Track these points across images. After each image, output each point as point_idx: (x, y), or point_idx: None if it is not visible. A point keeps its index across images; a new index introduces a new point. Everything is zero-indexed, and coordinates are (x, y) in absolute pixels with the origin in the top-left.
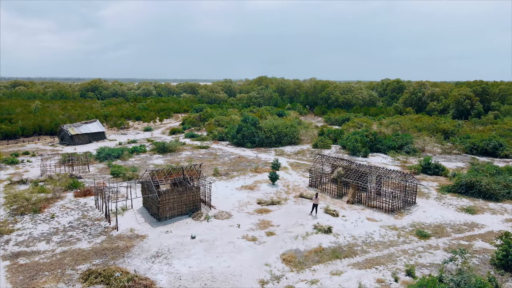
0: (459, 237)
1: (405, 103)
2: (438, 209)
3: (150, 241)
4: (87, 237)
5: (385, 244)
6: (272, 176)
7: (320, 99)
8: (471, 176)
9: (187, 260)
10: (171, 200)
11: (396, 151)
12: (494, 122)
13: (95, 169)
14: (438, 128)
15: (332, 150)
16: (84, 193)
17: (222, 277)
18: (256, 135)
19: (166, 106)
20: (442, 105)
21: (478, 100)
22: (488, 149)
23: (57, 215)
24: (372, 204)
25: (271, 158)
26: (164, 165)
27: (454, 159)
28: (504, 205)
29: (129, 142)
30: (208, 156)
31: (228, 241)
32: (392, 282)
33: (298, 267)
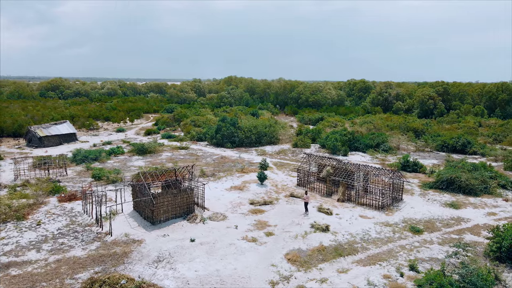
0: (450, 231)
1: (372, 103)
2: (424, 205)
3: (148, 246)
4: (80, 244)
5: (383, 241)
6: (261, 176)
7: (290, 99)
8: (451, 172)
9: (191, 264)
10: (166, 203)
11: (375, 149)
12: (457, 120)
13: (73, 172)
14: (409, 127)
15: (312, 150)
16: (69, 197)
17: (231, 279)
18: (236, 135)
19: (134, 106)
20: (407, 105)
21: (440, 100)
22: (457, 146)
23: (44, 222)
24: (362, 201)
25: (254, 158)
26: (145, 166)
27: (427, 156)
28: (483, 199)
29: (104, 143)
30: (190, 157)
31: (228, 243)
32: (398, 277)
33: (304, 266)
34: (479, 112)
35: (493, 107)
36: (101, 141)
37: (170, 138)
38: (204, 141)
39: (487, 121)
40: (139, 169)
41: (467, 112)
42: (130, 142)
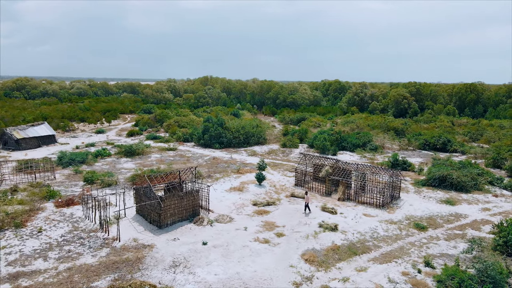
0: (452, 227)
1: (348, 103)
2: (422, 202)
3: (161, 250)
4: (88, 250)
5: (392, 238)
6: (260, 177)
7: (268, 99)
8: (443, 170)
9: (209, 268)
10: (172, 206)
11: (363, 148)
12: (433, 120)
13: (61, 176)
14: (389, 126)
15: (300, 149)
16: (67, 203)
17: (254, 282)
18: (224, 136)
19: (109, 106)
20: (382, 105)
21: (413, 100)
22: (438, 145)
23: (45, 229)
24: (362, 200)
25: (246, 159)
26: (136, 168)
27: (412, 155)
28: (475, 196)
29: (87, 145)
30: (180, 158)
31: (241, 245)
32: (416, 274)
33: (323, 266)
34: (451, 111)
35: (462, 107)
36: (83, 143)
37: (156, 139)
38: (190, 142)
39: (459, 120)
40: (134, 171)
41: (440, 112)
42: (115, 143)
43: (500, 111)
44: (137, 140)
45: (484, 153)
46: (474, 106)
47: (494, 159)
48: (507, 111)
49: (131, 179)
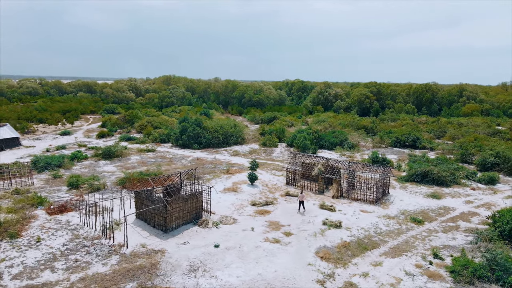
0: (445, 220)
1: (313, 102)
2: (411, 197)
3: (174, 255)
4: (96, 259)
5: (395, 233)
6: (252, 177)
7: (233, 99)
8: (424, 166)
9: (229, 270)
10: (177, 209)
11: (342, 147)
12: (397, 118)
13: (39, 181)
14: (359, 125)
15: (280, 149)
16: (60, 209)
17: (278, 282)
18: (202, 136)
19: (67, 106)
20: (346, 104)
21: (375, 99)
22: (408, 142)
23: (43, 238)
24: (355, 197)
25: (230, 159)
26: (123, 171)
27: (385, 152)
28: (455, 189)
29: (58, 148)
30: (162, 160)
31: (254, 245)
32: (428, 266)
33: (340, 263)
34: (410, 110)
35: (419, 106)
36: (51, 146)
37: (130, 140)
38: (167, 143)
39: (418, 118)
40: (124, 174)
41: (400, 110)
42: (87, 145)
43: (454, 110)
44: (112, 142)
45: (451, 149)
46: (430, 105)
47: (462, 154)
48: (459, 110)
49: (120, 182)
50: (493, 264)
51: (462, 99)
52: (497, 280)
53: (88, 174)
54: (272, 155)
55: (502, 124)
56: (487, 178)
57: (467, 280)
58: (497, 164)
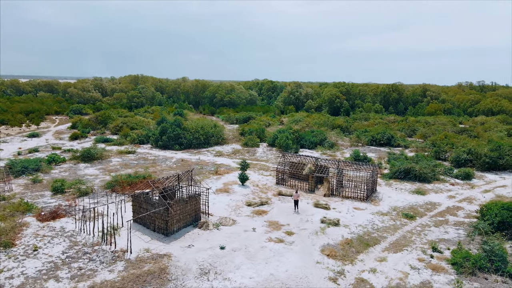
0: (434, 215)
1: (284, 102)
2: (397, 194)
3: (181, 259)
4: (101, 266)
5: (391, 229)
6: (243, 177)
7: (204, 98)
8: (406, 163)
9: (241, 272)
10: (178, 211)
11: (323, 146)
12: (367, 117)
13: (17, 187)
14: (334, 124)
15: (262, 149)
16: (52, 216)
17: (291, 282)
18: (183, 137)
19: (29, 107)
20: (317, 103)
21: (345, 99)
22: (383, 140)
23: (40, 247)
24: (346, 195)
25: (215, 160)
26: (101, 174)
27: (363, 150)
28: (436, 185)
29: (30, 151)
30: (144, 162)
31: (259, 246)
32: (430, 259)
33: (347, 260)
34: (379, 109)
35: (387, 105)
36: (20, 149)
37: (107, 142)
38: (146, 144)
39: (387, 117)
40: (112, 177)
41: (369, 110)
42: (62, 148)
43: (419, 109)
44: (87, 144)
45: (423, 147)
46: (397, 104)
47: (436, 152)
48: (424, 109)
49: (109, 186)
50: (491, 255)
51: (426, 99)
52: (496, 270)
53: (70, 178)
54: (256, 155)
55: (464, 123)
56: (463, 174)
57: (469, 272)
58: (469, 161)
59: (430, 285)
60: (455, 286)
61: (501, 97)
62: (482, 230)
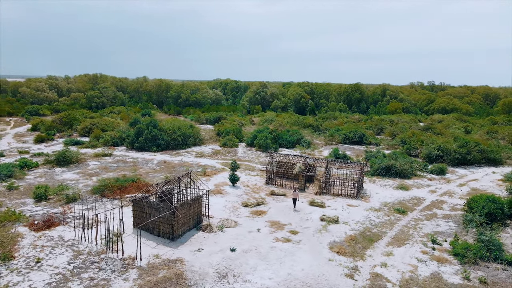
0: (422, 209)
1: (250, 102)
2: (383, 190)
3: (195, 263)
4: (113, 275)
5: (388, 224)
6: (234, 178)
7: (169, 98)
8: (386, 161)
9: (259, 273)
10: (183, 215)
11: (302, 145)
12: (336, 116)
13: None
14: (306, 123)
15: (242, 149)
16: (47, 225)
17: (310, 280)
18: (160, 138)
19: None
20: (283, 103)
21: (309, 98)
22: (355, 138)
23: (42, 258)
24: (336, 192)
25: (198, 161)
26: (82, 179)
27: (338, 148)
28: (416, 181)
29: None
30: (124, 165)
31: (269, 246)
32: (432, 251)
33: (358, 256)
34: (343, 108)
35: (350, 104)
36: None
37: (78, 144)
38: (121, 146)
39: (352, 116)
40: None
41: (334, 109)
42: (30, 152)
43: (380, 108)
44: (57, 147)
45: (394, 144)
46: (359, 103)
47: (407, 149)
48: (385, 108)
49: (97, 190)
50: (489, 245)
51: (385, 98)
52: (495, 259)
53: (48, 183)
54: (238, 155)
55: (423, 121)
56: (437, 169)
57: (472, 261)
58: (440, 156)
59: (440, 276)
60: (463, 275)
61: (452, 97)
62: (478, 222)
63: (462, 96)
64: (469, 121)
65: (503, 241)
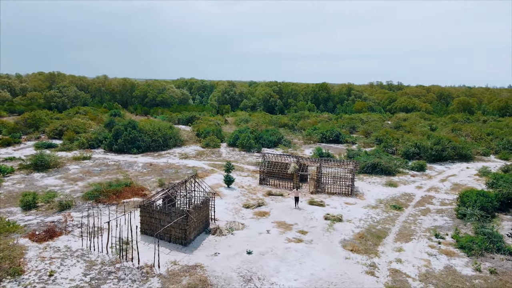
0: (415, 205)
1: (219, 101)
2: (374, 187)
3: (215, 268)
4: (135, 285)
5: (389, 220)
6: (230, 179)
7: (134, 98)
8: (371, 158)
9: (282, 275)
10: (194, 219)
11: (284, 145)
12: (306, 115)
13: None
14: (281, 123)
15: (225, 149)
16: (50, 235)
17: (334, 279)
18: (141, 139)
19: None
20: (252, 103)
21: (278, 98)
22: (332, 137)
23: (55, 271)
24: (331, 191)
25: (185, 163)
26: (66, 184)
27: (316, 147)
28: (400, 177)
29: None
30: (108, 168)
31: (283, 248)
32: (439, 245)
33: (372, 253)
34: (311, 108)
35: (317, 104)
36: None
37: (51, 147)
38: (97, 149)
39: (321, 115)
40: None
41: (303, 108)
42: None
43: (346, 107)
44: (27, 150)
45: (369, 142)
46: (326, 103)
47: (384, 146)
48: (351, 107)
49: (90, 196)
50: (492, 237)
51: (351, 98)
52: (497, 250)
53: (31, 189)
54: (222, 156)
55: (389, 119)
56: (418, 166)
57: (479, 253)
58: (417, 154)
59: (453, 269)
60: (474, 267)
61: (412, 96)
62: (479, 216)
63: (419, 95)
64: (431, 119)
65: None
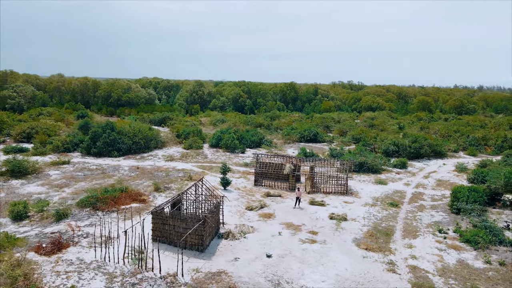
0: (409, 201)
1: (188, 101)
2: (366, 186)
3: (240, 274)
4: None
5: (390, 217)
6: (226, 182)
7: (97, 98)
8: (359, 157)
9: (309, 277)
10: (212, 224)
11: (267, 145)
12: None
13: None
14: (257, 123)
15: (208, 150)
16: (57, 247)
17: (359, 278)
18: (121, 142)
19: None
20: (221, 102)
21: (247, 97)
22: (310, 136)
23: (75, 286)
24: (326, 190)
25: (174, 165)
26: (52, 191)
27: (295, 146)
28: (386, 175)
29: None
30: (91, 173)
31: (300, 249)
32: (445, 240)
33: (386, 251)
34: (281, 107)
35: (286, 103)
36: None
37: (22, 152)
38: (74, 152)
39: (292, 114)
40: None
41: (272, 108)
42: None
43: (314, 106)
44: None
45: (347, 141)
46: (295, 102)
47: (363, 145)
48: (319, 106)
49: (87, 203)
50: (493, 231)
51: (318, 97)
52: (500, 243)
53: (13, 198)
54: (208, 157)
55: (359, 118)
56: (400, 163)
57: (484, 246)
58: (396, 151)
59: (466, 263)
60: (484, 260)
61: (375, 95)
62: (478, 210)
63: (379, 94)
64: (398, 118)
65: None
